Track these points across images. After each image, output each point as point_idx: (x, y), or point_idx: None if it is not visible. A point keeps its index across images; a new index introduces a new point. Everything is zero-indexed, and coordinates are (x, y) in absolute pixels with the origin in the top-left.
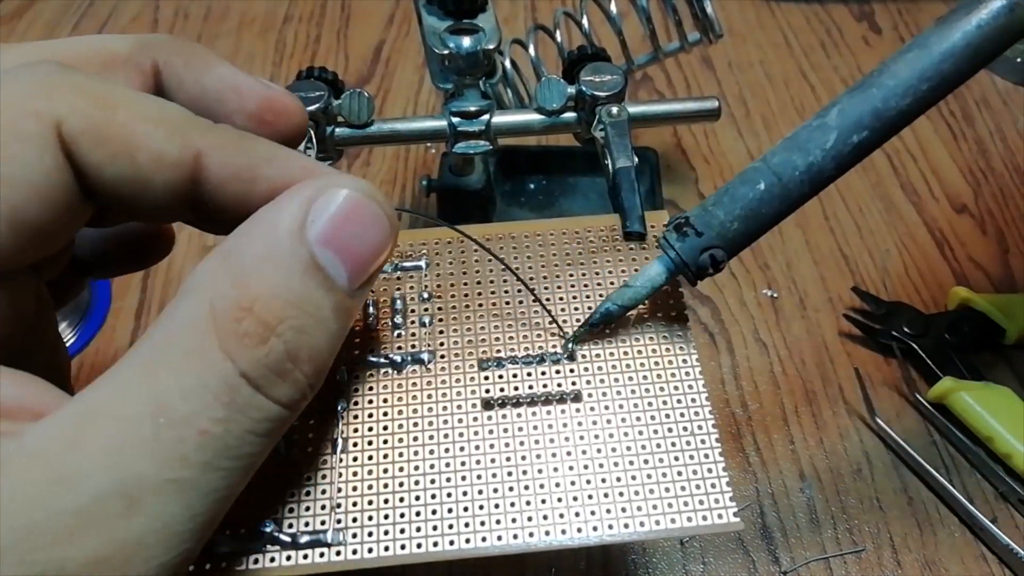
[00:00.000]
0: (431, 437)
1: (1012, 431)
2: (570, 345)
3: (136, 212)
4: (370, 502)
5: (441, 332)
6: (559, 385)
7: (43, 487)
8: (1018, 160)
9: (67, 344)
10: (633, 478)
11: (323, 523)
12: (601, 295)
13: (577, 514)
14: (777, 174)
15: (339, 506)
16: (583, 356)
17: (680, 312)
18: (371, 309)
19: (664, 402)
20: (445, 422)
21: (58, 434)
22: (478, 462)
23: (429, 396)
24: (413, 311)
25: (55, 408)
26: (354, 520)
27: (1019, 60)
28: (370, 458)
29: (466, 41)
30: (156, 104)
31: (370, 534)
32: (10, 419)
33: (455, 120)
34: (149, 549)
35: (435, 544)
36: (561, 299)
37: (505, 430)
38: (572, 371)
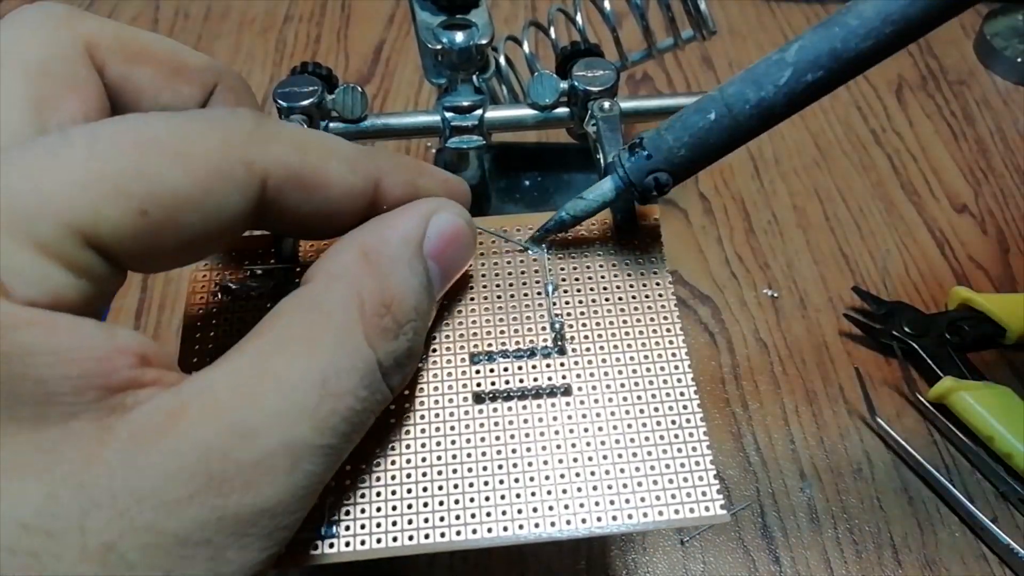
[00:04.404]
0: (423, 430)
1: (1012, 431)
2: (530, 249)
3: (313, 235)
4: (362, 495)
5: (433, 326)
6: (549, 379)
7: (226, 439)
8: (1018, 160)
9: None
10: (622, 471)
11: (315, 516)
12: (592, 288)
13: (566, 507)
14: (729, 106)
15: (331, 499)
16: (573, 350)
17: (670, 304)
18: None
19: (653, 396)
20: (436, 415)
21: (236, 391)
22: (469, 455)
23: (421, 390)
24: None
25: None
26: (346, 513)
27: (1019, 60)
28: (362, 451)
29: (459, 36)
30: (335, 140)
31: (362, 527)
32: (162, 367)
33: (448, 115)
34: (297, 503)
35: (427, 536)
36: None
37: (496, 423)
38: (563, 365)
